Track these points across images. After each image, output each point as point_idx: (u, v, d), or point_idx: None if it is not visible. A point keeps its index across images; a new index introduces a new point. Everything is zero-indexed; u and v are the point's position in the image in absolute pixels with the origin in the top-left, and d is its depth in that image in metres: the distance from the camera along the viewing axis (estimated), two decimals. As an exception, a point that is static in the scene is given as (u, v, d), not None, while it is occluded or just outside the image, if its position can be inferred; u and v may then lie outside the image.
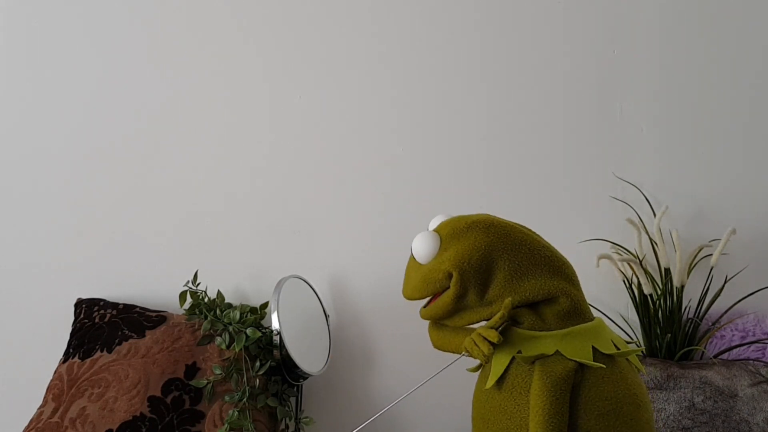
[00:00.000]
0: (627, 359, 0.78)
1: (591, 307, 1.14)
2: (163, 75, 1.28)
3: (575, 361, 0.73)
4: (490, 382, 0.76)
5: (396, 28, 1.26)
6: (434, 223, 0.83)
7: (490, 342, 0.73)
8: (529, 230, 0.82)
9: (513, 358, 0.75)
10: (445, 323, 0.82)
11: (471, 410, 0.82)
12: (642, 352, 0.98)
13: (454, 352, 0.81)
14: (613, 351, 0.76)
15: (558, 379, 0.71)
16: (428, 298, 0.83)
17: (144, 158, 1.27)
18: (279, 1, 1.28)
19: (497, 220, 0.80)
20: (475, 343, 0.74)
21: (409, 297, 0.83)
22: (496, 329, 0.76)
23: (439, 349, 0.84)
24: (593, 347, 0.75)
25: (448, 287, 0.78)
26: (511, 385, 0.75)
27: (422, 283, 0.79)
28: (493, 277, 0.77)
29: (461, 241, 0.78)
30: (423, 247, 0.79)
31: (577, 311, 0.78)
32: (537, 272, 0.78)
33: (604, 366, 0.73)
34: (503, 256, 0.77)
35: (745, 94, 1.22)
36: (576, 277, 0.81)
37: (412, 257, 0.82)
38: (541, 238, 0.82)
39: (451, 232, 0.79)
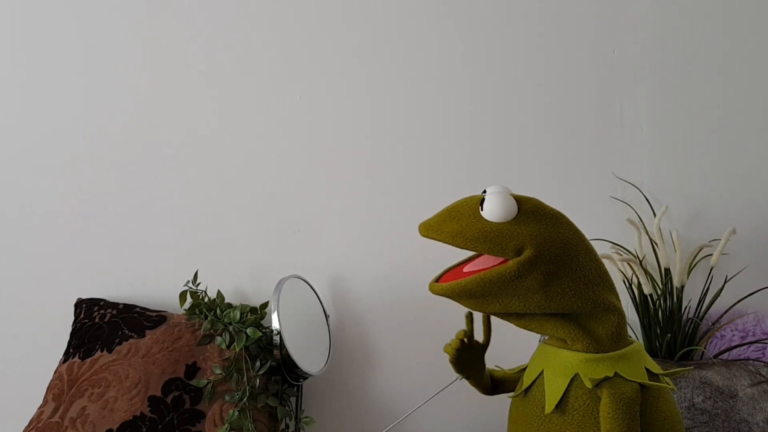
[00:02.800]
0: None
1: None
2: (163, 75, 1.28)
3: (636, 382, 0.73)
4: (549, 406, 0.74)
5: (397, 28, 1.26)
6: (495, 189, 0.76)
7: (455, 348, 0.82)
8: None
9: (572, 381, 0.74)
10: (468, 303, 0.76)
11: None
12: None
13: None
14: (660, 371, 0.77)
15: (630, 400, 0.71)
16: (454, 267, 0.79)
17: (144, 158, 1.27)
18: (279, 1, 1.28)
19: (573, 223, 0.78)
20: (449, 343, 0.82)
21: (443, 237, 0.74)
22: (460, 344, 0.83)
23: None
24: (645, 368, 0.75)
25: (506, 261, 0.73)
26: (573, 408, 0.73)
27: (480, 237, 0.72)
28: (563, 273, 0.73)
29: (544, 223, 0.74)
30: (502, 205, 0.73)
31: (625, 332, 0.78)
32: (601, 284, 0.76)
33: (668, 386, 0.74)
34: (578, 258, 0.74)
35: (745, 94, 1.22)
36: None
37: (474, 205, 0.75)
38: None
39: (534, 209, 0.74)
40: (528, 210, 0.74)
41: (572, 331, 0.75)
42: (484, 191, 0.77)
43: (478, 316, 0.84)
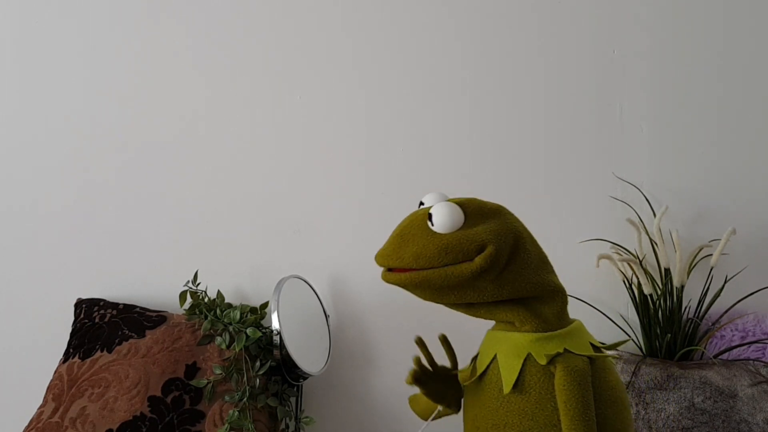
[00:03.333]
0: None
1: (591, 307, 1.16)
2: (163, 75, 1.28)
3: (585, 355, 0.76)
4: (507, 387, 0.76)
5: (397, 28, 1.26)
6: (433, 198, 0.80)
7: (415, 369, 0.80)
8: None
9: (525, 361, 0.76)
10: (424, 295, 0.78)
11: (464, 422, 0.83)
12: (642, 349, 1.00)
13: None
14: (601, 345, 0.80)
15: (582, 372, 0.74)
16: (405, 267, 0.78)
17: (144, 159, 1.27)
18: (279, 1, 1.28)
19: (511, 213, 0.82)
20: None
21: (406, 262, 0.76)
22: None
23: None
24: (590, 342, 0.79)
25: (470, 260, 0.74)
26: (529, 386, 0.76)
27: (440, 251, 0.74)
28: (511, 262, 0.76)
29: (491, 220, 0.77)
30: (451, 216, 0.75)
31: (566, 310, 0.81)
32: (544, 267, 0.80)
33: (611, 355, 0.78)
34: (523, 246, 0.77)
35: (745, 94, 1.22)
36: None
37: (422, 223, 0.77)
38: None
39: (477, 210, 0.78)
40: (473, 212, 0.77)
41: (521, 314, 0.78)
42: (421, 203, 0.80)
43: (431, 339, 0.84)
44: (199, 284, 1.14)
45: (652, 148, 1.23)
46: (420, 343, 0.83)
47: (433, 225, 0.76)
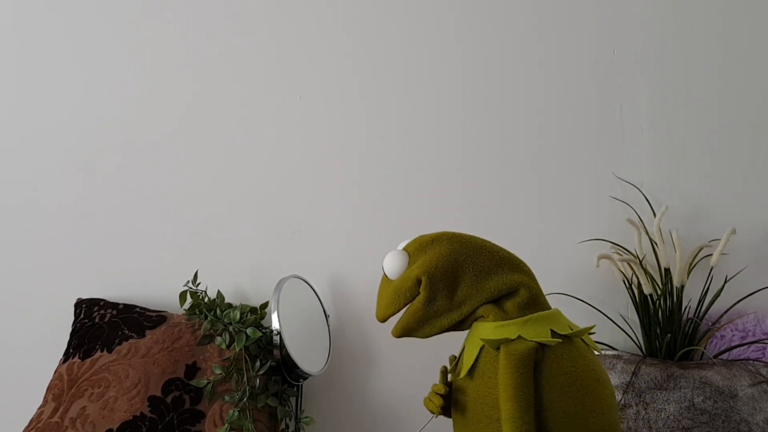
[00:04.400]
0: (584, 341, 0.84)
1: (591, 307, 1.16)
2: (163, 75, 1.28)
3: (535, 341, 0.80)
4: (463, 372, 0.83)
5: (397, 29, 1.26)
6: (400, 247, 0.90)
7: (439, 395, 0.84)
8: (486, 240, 0.89)
9: (482, 348, 0.82)
10: (417, 335, 0.86)
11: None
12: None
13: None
14: (569, 332, 0.83)
15: (520, 356, 0.78)
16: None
17: (144, 158, 1.27)
18: (279, 1, 1.28)
19: (458, 233, 0.88)
20: (429, 399, 0.85)
21: (383, 315, 0.87)
22: (445, 383, 0.86)
23: None
24: (551, 330, 0.82)
25: (418, 294, 0.84)
26: (482, 371, 0.81)
27: (394, 296, 0.85)
28: (460, 280, 0.84)
29: (428, 252, 0.86)
30: (393, 263, 0.86)
31: (536, 302, 0.85)
32: (499, 270, 0.85)
33: (561, 341, 0.81)
34: (467, 261, 0.85)
35: (745, 94, 1.22)
36: (533, 273, 0.88)
37: (384, 278, 0.89)
38: (497, 245, 0.89)
39: (418, 247, 0.86)
40: (413, 251, 0.87)
41: (486, 308, 0.84)
42: None
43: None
44: (199, 284, 1.14)
45: (652, 148, 1.23)
46: (444, 372, 0.88)
47: (387, 275, 0.88)
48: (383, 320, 0.88)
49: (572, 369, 0.79)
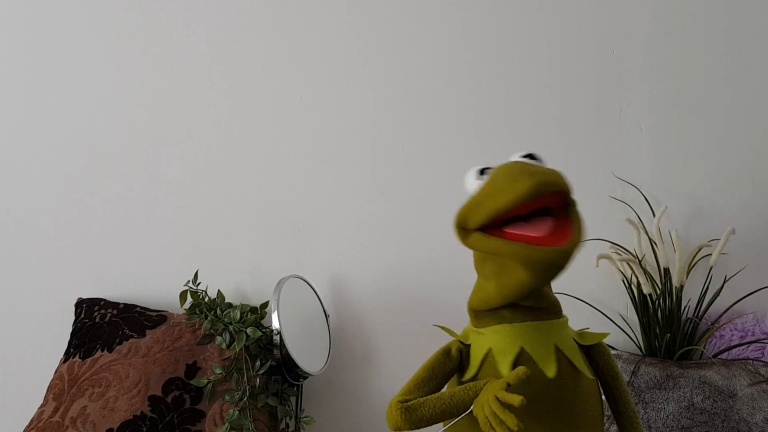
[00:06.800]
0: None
1: (590, 307, 1.16)
2: (163, 75, 1.29)
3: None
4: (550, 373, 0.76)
5: (397, 29, 1.26)
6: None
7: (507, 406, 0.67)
8: None
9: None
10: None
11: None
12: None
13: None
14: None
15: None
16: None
17: (144, 158, 1.28)
18: (279, 1, 1.28)
19: None
20: (501, 421, 0.66)
21: (563, 186, 0.73)
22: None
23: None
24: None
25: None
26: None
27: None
28: None
29: None
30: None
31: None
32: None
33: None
34: None
35: (745, 94, 1.22)
36: None
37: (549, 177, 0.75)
38: None
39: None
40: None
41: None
42: (484, 170, 0.90)
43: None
44: (199, 284, 1.14)
45: (651, 148, 1.23)
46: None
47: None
48: (556, 188, 0.74)
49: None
